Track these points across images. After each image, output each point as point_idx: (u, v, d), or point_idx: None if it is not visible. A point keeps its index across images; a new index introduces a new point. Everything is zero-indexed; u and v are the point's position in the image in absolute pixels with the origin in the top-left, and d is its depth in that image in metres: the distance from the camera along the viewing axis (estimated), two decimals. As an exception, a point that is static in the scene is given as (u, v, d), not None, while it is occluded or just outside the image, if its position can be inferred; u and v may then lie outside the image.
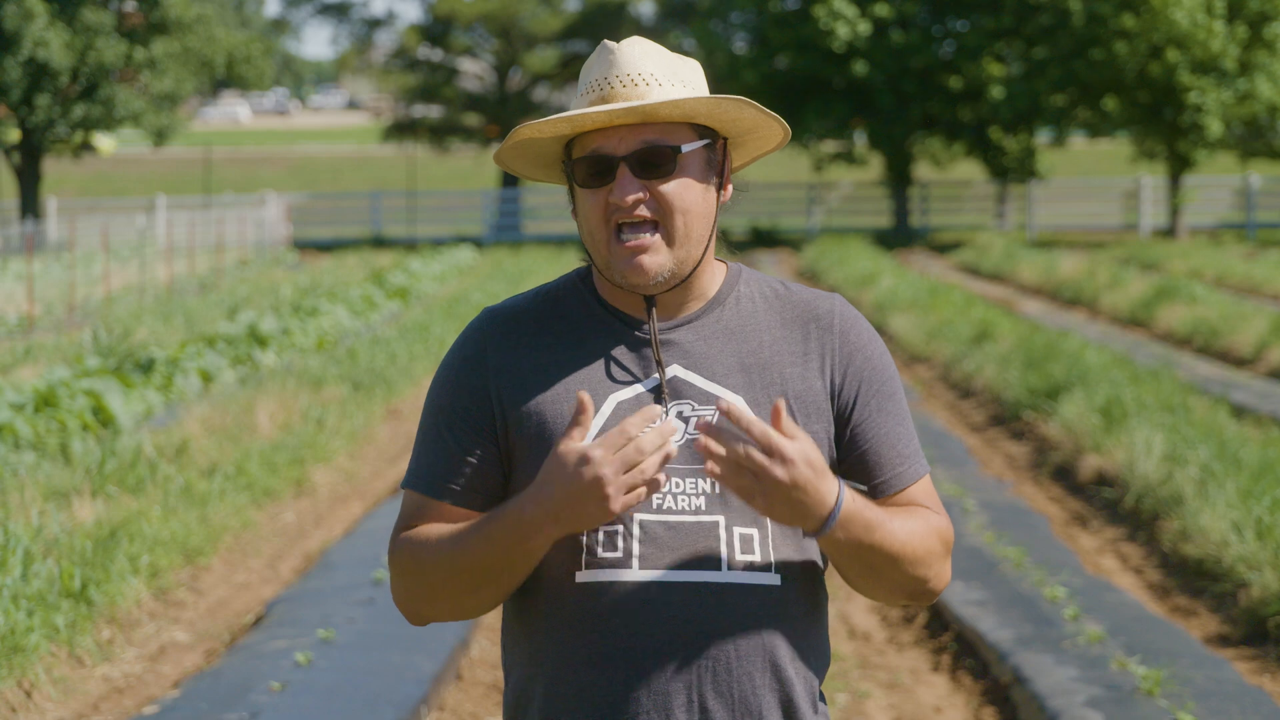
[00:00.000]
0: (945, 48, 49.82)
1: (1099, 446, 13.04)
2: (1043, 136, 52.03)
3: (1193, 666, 7.77)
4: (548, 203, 54.29)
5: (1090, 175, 63.12)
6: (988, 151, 50.10)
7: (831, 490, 2.82)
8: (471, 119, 60.59)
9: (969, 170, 57.58)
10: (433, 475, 3.01)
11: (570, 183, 3.03)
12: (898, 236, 50.51)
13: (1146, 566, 10.50)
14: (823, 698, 3.04)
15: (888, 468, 3.03)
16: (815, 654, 3.01)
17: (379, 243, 50.89)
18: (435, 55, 61.89)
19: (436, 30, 61.41)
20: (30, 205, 48.74)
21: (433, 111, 61.23)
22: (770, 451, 2.77)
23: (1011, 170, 50.12)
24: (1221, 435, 12.45)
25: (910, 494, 3.04)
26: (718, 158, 3.03)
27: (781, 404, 2.79)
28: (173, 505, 11.15)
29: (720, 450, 2.77)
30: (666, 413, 2.96)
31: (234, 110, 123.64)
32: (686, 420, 2.96)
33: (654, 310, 3.00)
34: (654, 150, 2.96)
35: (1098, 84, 45.84)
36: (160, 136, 50.24)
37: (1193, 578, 10.00)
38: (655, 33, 59.61)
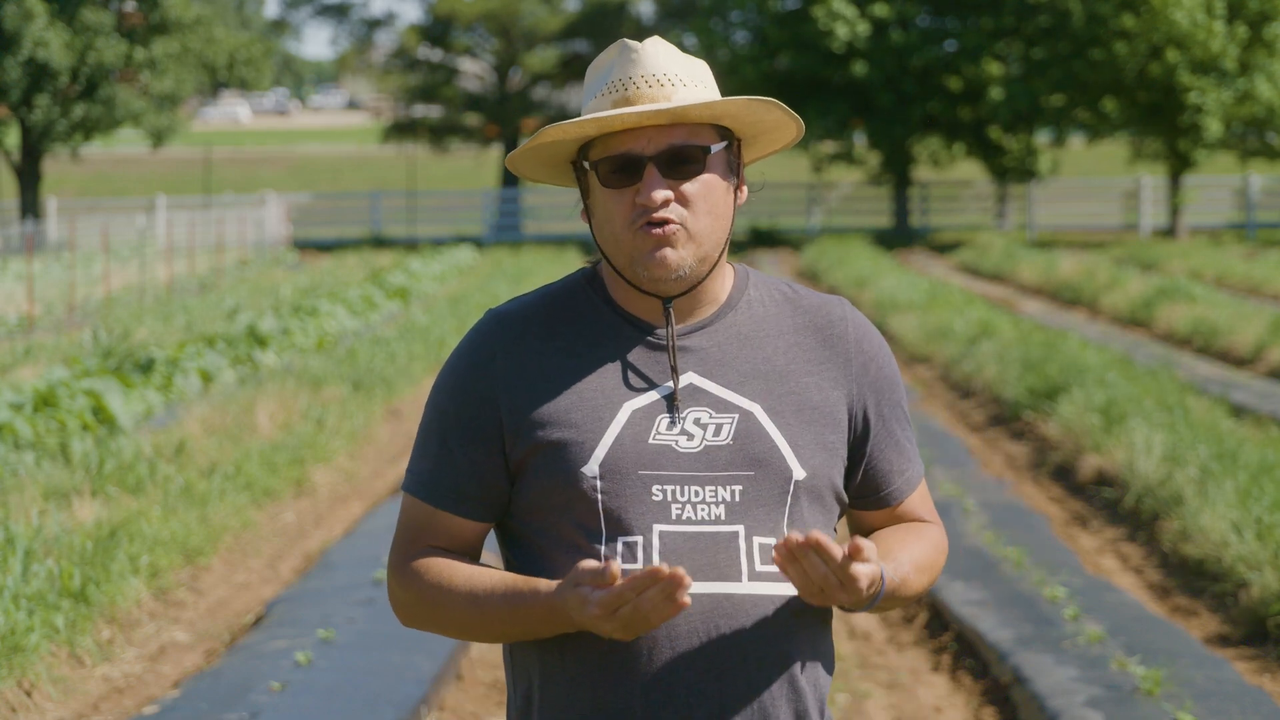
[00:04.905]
0: (945, 48, 49.81)
1: (1099, 446, 13.03)
2: (1042, 136, 52.00)
3: (1193, 666, 7.76)
4: (548, 203, 54.27)
5: (1090, 175, 63.09)
6: (987, 151, 50.09)
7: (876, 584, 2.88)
8: (471, 119, 60.57)
9: (969, 170, 57.54)
10: (436, 484, 2.97)
11: (582, 184, 2.99)
12: (898, 236, 50.49)
13: (1146, 566, 10.50)
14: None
15: (897, 478, 3.05)
16: (825, 661, 3.01)
17: (379, 243, 50.85)
18: (435, 55, 61.86)
19: (436, 30, 61.39)
20: (30, 205, 48.72)
21: (433, 111, 61.21)
22: (844, 581, 2.81)
23: (1011, 170, 50.11)
24: (1221, 435, 12.45)
25: (911, 502, 3.08)
26: (735, 159, 3.00)
27: (863, 544, 2.80)
28: (172, 505, 11.14)
29: (798, 563, 2.81)
30: (680, 418, 2.93)
31: (234, 110, 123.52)
32: (705, 427, 2.93)
33: (671, 315, 2.95)
34: (683, 150, 2.91)
35: (1097, 84, 45.81)
36: (160, 137, 50.23)
37: (1193, 578, 10.00)
38: (656, 32, 59.60)
